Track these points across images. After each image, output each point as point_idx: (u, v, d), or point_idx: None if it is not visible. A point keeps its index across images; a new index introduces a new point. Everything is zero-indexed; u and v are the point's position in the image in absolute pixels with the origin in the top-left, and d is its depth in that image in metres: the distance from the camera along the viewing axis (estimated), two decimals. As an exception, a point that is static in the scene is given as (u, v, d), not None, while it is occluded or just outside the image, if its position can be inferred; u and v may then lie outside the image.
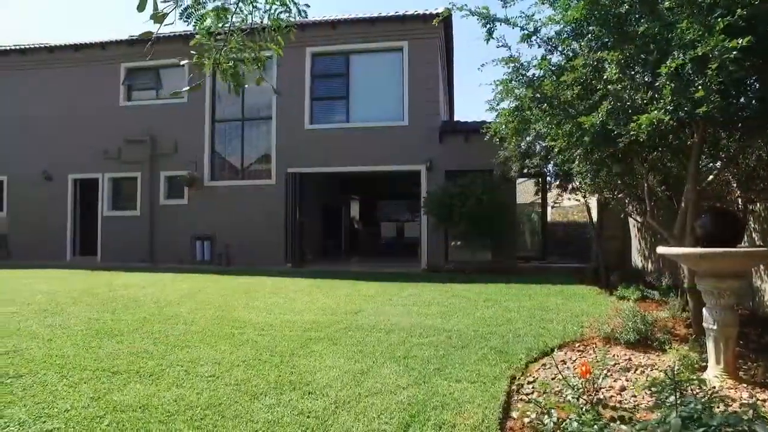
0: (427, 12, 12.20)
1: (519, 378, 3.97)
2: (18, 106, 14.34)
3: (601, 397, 3.28)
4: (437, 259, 11.88)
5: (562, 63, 5.40)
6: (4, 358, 4.34)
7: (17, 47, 14.40)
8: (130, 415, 3.21)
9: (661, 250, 4.06)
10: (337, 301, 7.13)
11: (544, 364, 4.28)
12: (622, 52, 4.17)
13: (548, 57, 5.63)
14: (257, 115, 13.30)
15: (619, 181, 6.38)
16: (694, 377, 3.16)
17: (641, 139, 4.01)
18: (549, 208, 15.55)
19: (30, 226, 14.05)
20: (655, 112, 3.68)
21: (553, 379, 3.85)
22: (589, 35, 4.88)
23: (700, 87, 3.48)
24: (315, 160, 12.65)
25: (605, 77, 4.36)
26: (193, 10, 2.28)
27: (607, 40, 4.69)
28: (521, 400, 3.52)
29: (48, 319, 5.90)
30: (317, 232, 15.36)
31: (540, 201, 13.47)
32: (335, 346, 4.79)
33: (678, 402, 2.18)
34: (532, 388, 3.70)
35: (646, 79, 4.17)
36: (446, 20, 12.52)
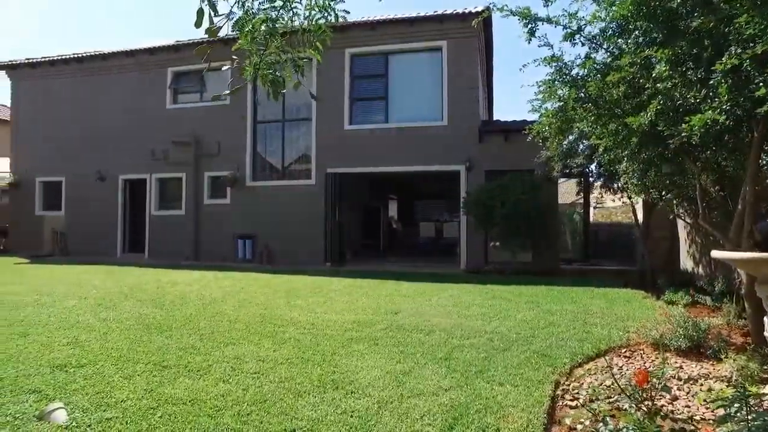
0: (466, 11, 12.10)
1: (563, 383, 3.89)
2: (74, 110, 15.10)
3: (659, 406, 3.17)
4: (477, 260, 11.77)
5: (607, 61, 5.25)
6: (67, 348, 4.59)
7: (75, 56, 15.16)
8: (180, 408, 3.33)
9: (716, 254, 3.89)
10: (377, 301, 7.17)
11: (589, 370, 4.18)
12: (672, 48, 4.01)
13: (592, 56, 5.50)
14: (297, 115, 13.52)
15: (668, 181, 6.15)
16: (763, 391, 3.01)
17: (693, 141, 3.85)
18: (591, 209, 15.16)
19: (85, 224, 14.79)
20: (710, 112, 3.52)
21: (599, 385, 3.75)
22: (637, 32, 4.74)
23: (761, 84, 3.31)
24: (354, 160, 12.76)
25: (654, 75, 4.22)
26: (245, 21, 2.35)
27: (655, 36, 4.54)
28: (566, 405, 3.46)
29: (102, 313, 6.19)
30: (356, 232, 15.49)
31: (582, 201, 13.15)
32: (376, 346, 4.82)
33: (748, 417, 2.07)
34: (578, 393, 3.62)
35: (699, 77, 4.00)
36: (486, 19, 12.38)
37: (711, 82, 3.72)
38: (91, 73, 15.16)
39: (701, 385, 3.72)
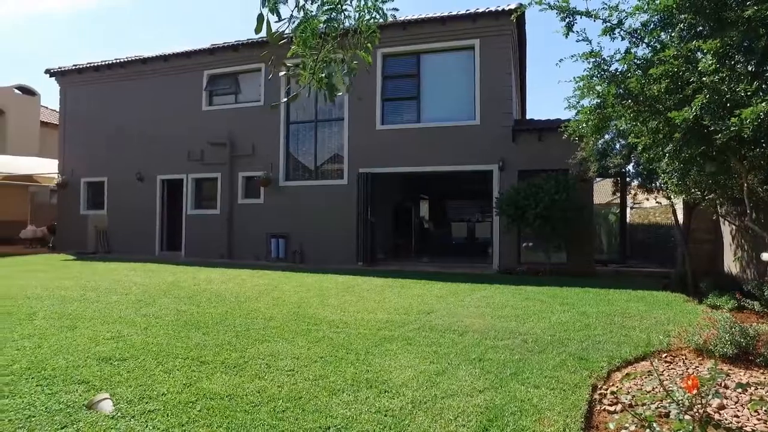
0: (499, 9, 11.95)
1: (601, 387, 3.80)
2: (117, 113, 15.64)
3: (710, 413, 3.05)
4: (509, 261, 11.61)
5: (649, 56, 5.09)
6: (111, 342, 4.77)
7: (118, 61, 15.70)
8: (218, 402, 3.41)
9: (767, 257, 3.72)
10: (410, 301, 7.17)
11: (627, 374, 4.07)
12: (722, 40, 3.85)
13: (633, 50, 5.34)
14: (329, 116, 13.62)
15: (711, 181, 5.92)
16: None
17: (745, 135, 3.68)
18: (628, 209, 14.74)
19: (125, 223, 15.30)
20: (764, 104, 3.36)
21: (639, 390, 3.64)
22: (681, 25, 4.58)
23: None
24: (386, 160, 12.77)
25: (699, 69, 4.06)
26: (306, 25, 2.37)
27: (701, 28, 4.38)
28: (605, 410, 3.37)
29: (143, 309, 6.39)
30: (388, 232, 15.50)
31: (618, 201, 12.80)
32: (409, 346, 4.82)
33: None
34: (616, 398, 3.53)
35: (751, 69, 3.82)
36: (519, 16, 12.20)
37: (766, 74, 3.54)
38: (132, 77, 15.67)
39: (751, 393, 3.56)
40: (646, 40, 5.15)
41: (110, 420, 3.10)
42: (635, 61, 5.04)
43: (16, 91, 22.85)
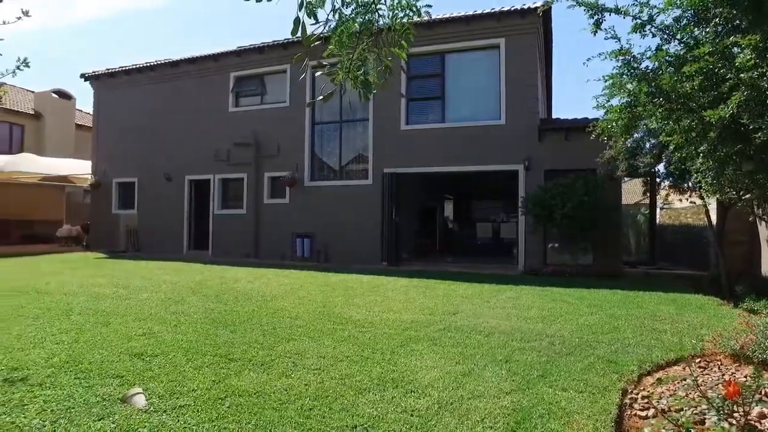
0: (525, 7, 11.81)
1: (631, 391, 3.72)
2: (147, 115, 16.05)
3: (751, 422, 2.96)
4: (535, 262, 11.47)
5: (681, 53, 4.96)
6: (143, 338, 4.89)
7: (148, 64, 16.10)
8: (246, 399, 3.46)
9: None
10: (435, 301, 7.15)
11: (659, 379, 3.98)
12: (762, 34, 3.72)
13: (664, 47, 5.21)
14: (354, 116, 13.68)
15: (748, 180, 5.73)
16: None
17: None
18: (658, 210, 14.39)
19: (154, 222, 15.68)
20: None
21: (672, 395, 3.55)
22: (716, 20, 4.45)
23: None
24: (411, 160, 12.77)
25: (737, 65, 3.94)
26: (343, 29, 2.41)
27: (738, 22, 4.25)
28: (636, 415, 3.31)
29: (172, 306, 6.53)
30: (412, 232, 15.48)
31: (647, 201, 12.51)
32: (435, 346, 4.81)
33: None
34: (648, 403, 3.45)
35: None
36: (545, 14, 12.04)
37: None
38: (161, 80, 16.04)
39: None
40: (678, 37, 5.02)
41: (144, 414, 3.19)
42: (667, 58, 4.92)
43: (54, 95, 23.68)
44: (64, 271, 10.13)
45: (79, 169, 18.16)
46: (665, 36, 5.10)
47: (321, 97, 3.10)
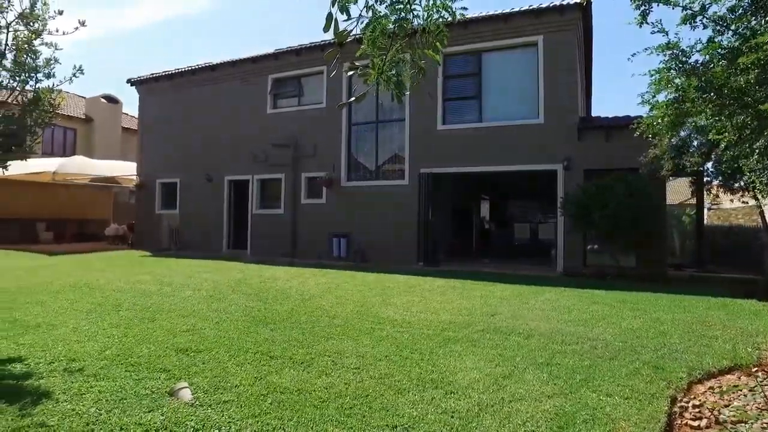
0: (564, 3, 11.54)
1: (681, 400, 3.59)
2: (188, 118, 16.55)
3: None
4: (574, 263, 11.20)
5: (736, 44, 4.73)
6: (187, 335, 5.05)
7: (189, 68, 16.61)
8: (288, 396, 3.52)
9: None
10: (472, 302, 7.08)
11: (711, 388, 3.81)
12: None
13: (716, 39, 4.99)
14: (390, 117, 13.70)
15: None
16: None
17: None
18: (705, 210, 13.82)
19: (195, 221, 16.14)
20: None
21: (726, 406, 3.40)
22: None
23: None
24: (447, 160, 12.69)
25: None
26: (375, 25, 2.41)
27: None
28: (687, 425, 3.18)
29: (214, 304, 6.71)
30: (448, 232, 15.39)
31: (694, 202, 12.04)
32: (474, 347, 4.77)
33: None
34: (700, 412, 3.32)
35: None
36: (585, 10, 11.74)
37: None
38: (202, 83, 16.51)
39: None
40: (733, 28, 4.79)
41: (190, 408, 3.29)
42: (719, 50, 4.70)
43: (103, 100, 24.75)
44: (112, 268, 10.56)
45: (125, 170, 18.89)
46: (718, 27, 4.88)
47: (353, 98, 3.12)
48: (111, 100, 25.22)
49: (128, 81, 17.71)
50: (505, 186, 18.88)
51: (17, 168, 5.88)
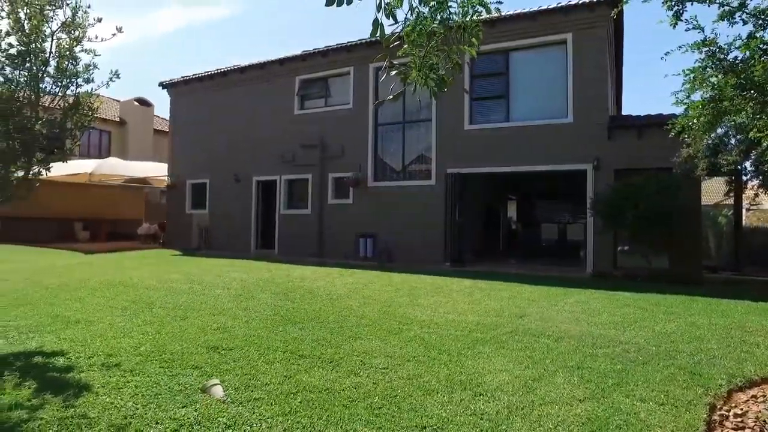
0: (594, 0, 11.31)
1: (721, 408, 3.48)
2: (218, 119, 16.87)
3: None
4: (604, 265, 10.97)
5: (778, 39, 4.56)
6: (218, 333, 5.15)
7: (218, 71, 16.93)
8: (317, 395, 3.56)
9: None
10: (500, 304, 7.02)
11: (754, 396, 3.69)
12: None
13: (758, 34, 4.82)
14: (417, 117, 13.68)
15: None
16: None
17: None
18: (744, 211, 13.36)
19: (224, 221, 16.44)
20: None
21: None
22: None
23: None
24: (474, 160, 12.61)
25: None
26: (420, 26, 2.45)
27: None
28: (726, 432, 3.09)
29: (243, 303, 6.82)
30: (475, 233, 15.29)
31: (730, 202, 11.66)
32: (503, 349, 4.73)
33: None
34: (742, 422, 3.21)
35: None
36: (616, 5, 11.48)
37: None
38: (231, 85, 16.80)
39: None
40: (775, 21, 4.62)
41: (222, 404, 3.35)
42: (761, 46, 4.54)
43: (135, 103, 25.48)
44: (144, 266, 10.85)
45: (157, 171, 19.38)
46: (759, 22, 4.71)
47: (390, 97, 3.13)
48: (143, 103, 25.95)
49: (160, 84, 18.17)
50: (532, 186, 18.66)
51: (57, 169, 6.10)
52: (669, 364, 4.34)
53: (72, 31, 4.80)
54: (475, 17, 2.60)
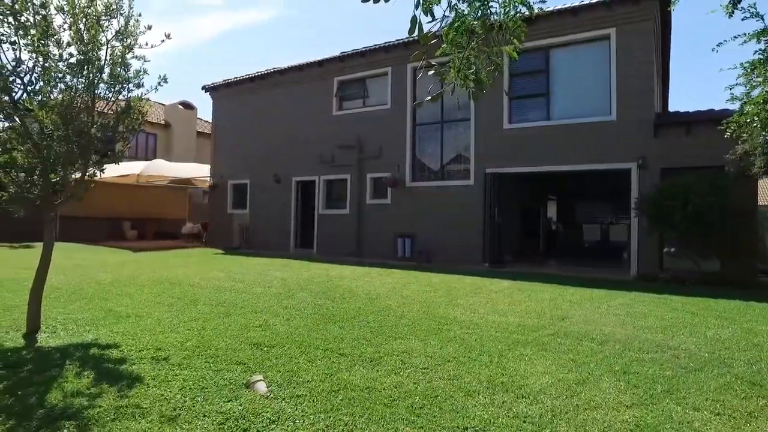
0: (640, -8, 10.94)
1: (782, 418, 3.30)
2: (258, 121, 17.26)
3: None
4: (650, 267, 10.59)
5: None
6: (260, 330, 5.26)
7: (258, 73, 17.32)
8: (358, 394, 3.58)
9: None
10: (541, 305, 6.89)
11: (817, 406, 3.48)
12: None
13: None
14: (455, 116, 13.59)
15: None
16: None
17: None
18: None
19: (264, 221, 16.80)
20: None
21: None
22: None
23: None
24: (514, 160, 12.42)
25: None
26: (459, 23, 2.44)
27: None
28: (787, 444, 2.93)
29: (284, 301, 6.94)
30: (514, 233, 15.07)
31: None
32: (544, 351, 4.64)
33: None
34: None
35: None
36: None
37: None
38: (270, 87, 17.15)
39: None
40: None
41: (265, 400, 3.43)
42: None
43: (180, 106, 26.39)
44: (188, 264, 11.20)
45: (200, 172, 19.98)
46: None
47: (429, 98, 3.12)
48: (187, 106, 26.83)
49: (203, 87, 18.73)
50: (573, 186, 18.23)
51: (108, 171, 6.37)
52: (724, 372, 4.15)
53: (124, 39, 5.00)
54: (517, 16, 2.55)
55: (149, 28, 5.05)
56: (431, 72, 2.69)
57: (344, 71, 15.49)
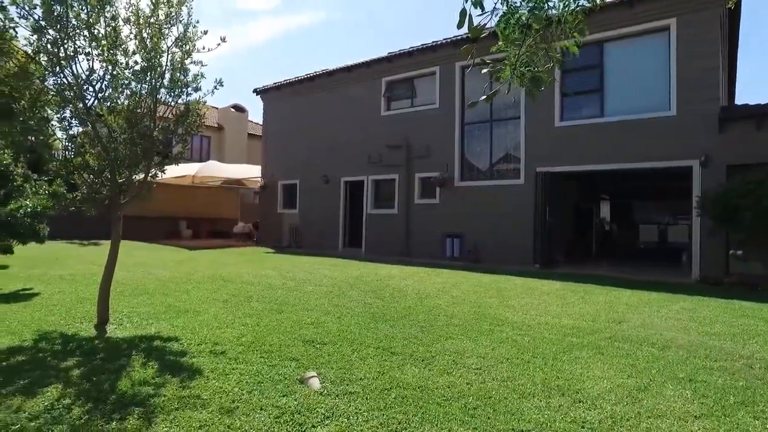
0: (704, -21, 10.35)
1: None
2: (307, 122, 17.59)
3: None
4: (714, 270, 10.01)
5: None
6: (312, 327, 5.36)
7: (307, 76, 17.65)
8: (411, 392, 3.58)
9: None
10: (596, 308, 6.66)
11: None
12: None
13: None
14: (505, 115, 13.34)
15: None
16: None
17: None
18: None
19: (313, 220, 17.10)
20: None
21: None
22: None
23: None
24: (566, 158, 12.07)
25: None
26: (510, 16, 2.39)
27: None
28: None
29: (335, 299, 7.04)
30: (566, 233, 14.64)
31: None
32: (601, 355, 4.48)
33: None
34: None
35: None
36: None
37: None
38: (319, 89, 17.44)
39: None
40: None
41: (320, 396, 3.48)
42: None
43: (232, 109, 27.30)
44: (241, 263, 11.55)
45: (251, 173, 20.58)
46: None
47: (484, 98, 3.06)
48: (239, 109, 27.71)
49: (254, 91, 19.28)
50: (628, 185, 17.50)
51: (166, 172, 6.67)
52: (804, 383, 3.86)
53: (183, 45, 5.23)
54: (577, 10, 2.46)
55: (205, 32, 5.25)
56: (484, 70, 2.63)
57: (392, 71, 15.53)
